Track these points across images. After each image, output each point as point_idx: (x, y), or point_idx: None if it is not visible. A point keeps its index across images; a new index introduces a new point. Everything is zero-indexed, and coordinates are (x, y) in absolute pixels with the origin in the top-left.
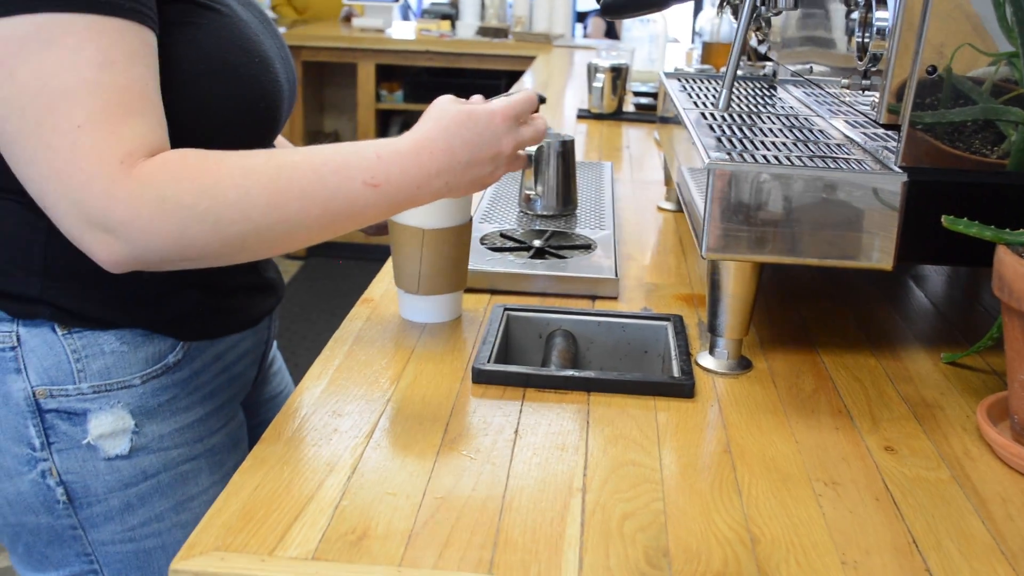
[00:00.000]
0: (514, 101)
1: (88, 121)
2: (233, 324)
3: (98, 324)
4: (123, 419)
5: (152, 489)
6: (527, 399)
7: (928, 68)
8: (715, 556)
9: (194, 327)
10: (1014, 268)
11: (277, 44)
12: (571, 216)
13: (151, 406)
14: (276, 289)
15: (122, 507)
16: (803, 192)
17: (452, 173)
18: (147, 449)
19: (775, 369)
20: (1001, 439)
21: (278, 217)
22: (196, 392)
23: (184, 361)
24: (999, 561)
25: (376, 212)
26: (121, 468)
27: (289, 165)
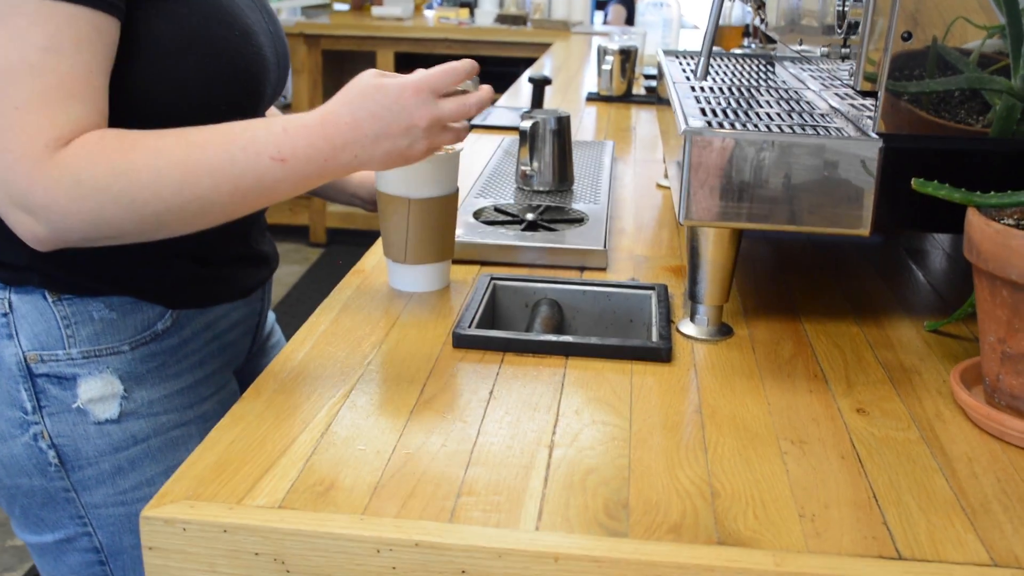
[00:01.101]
0: (431, 73)
1: (26, 103)
2: (223, 294)
3: (88, 291)
4: (112, 384)
5: (143, 453)
6: (506, 363)
7: (903, 34)
8: (674, 509)
9: (183, 296)
10: (981, 229)
11: (265, 18)
12: (567, 192)
13: (140, 372)
14: (269, 261)
15: (113, 471)
16: (779, 158)
17: (360, 146)
18: (137, 414)
19: (756, 336)
20: (971, 401)
21: (190, 195)
22: (186, 359)
23: (173, 329)
24: (957, 516)
25: (287, 187)
26: (111, 432)
27: (200, 143)
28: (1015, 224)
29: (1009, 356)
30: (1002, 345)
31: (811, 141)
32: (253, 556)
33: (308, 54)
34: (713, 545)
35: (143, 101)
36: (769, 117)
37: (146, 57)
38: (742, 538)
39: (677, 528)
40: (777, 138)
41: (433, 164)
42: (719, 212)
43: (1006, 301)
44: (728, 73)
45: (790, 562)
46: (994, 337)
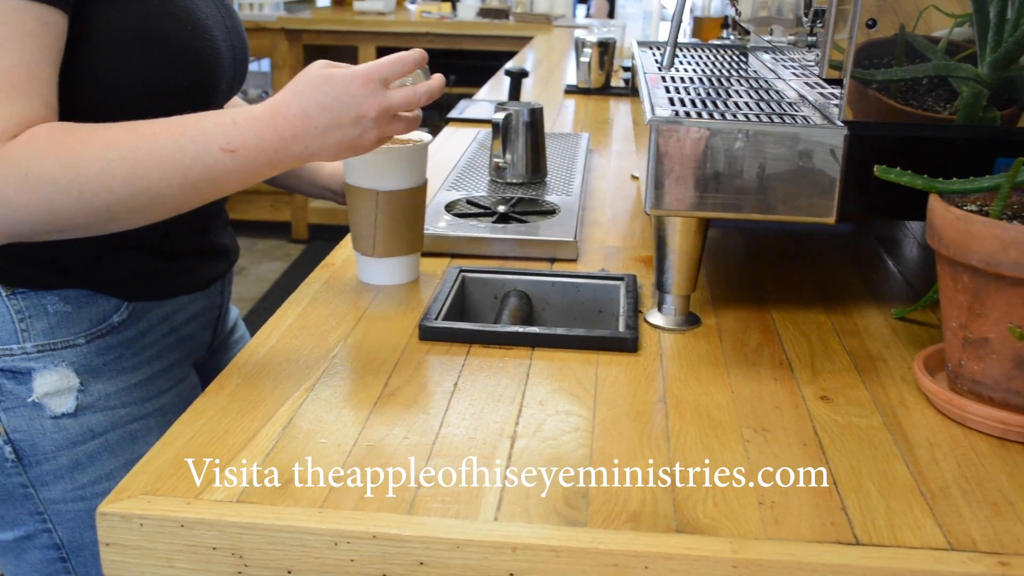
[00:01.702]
0: (379, 63)
1: None
2: (181, 286)
3: (41, 284)
4: (68, 378)
5: (101, 447)
6: (472, 355)
7: (868, 21)
8: (633, 498)
9: (139, 288)
10: (942, 215)
11: (221, 12)
12: (541, 184)
13: (96, 365)
14: (228, 254)
15: (71, 465)
16: (745, 147)
17: (310, 137)
18: (94, 408)
19: (723, 325)
20: (934, 387)
21: (141, 187)
22: (143, 352)
23: (129, 321)
24: (917, 501)
25: (237, 178)
26: (68, 426)
27: (149, 135)
28: (978, 210)
29: (970, 341)
30: (963, 331)
31: (776, 129)
32: (211, 550)
33: (289, 49)
34: (671, 533)
35: (94, 95)
36: (737, 106)
37: (96, 51)
38: (700, 526)
39: (636, 517)
40: (742, 127)
41: (401, 156)
42: (685, 201)
43: (967, 287)
44: (701, 64)
45: (747, 549)
46: (956, 323)
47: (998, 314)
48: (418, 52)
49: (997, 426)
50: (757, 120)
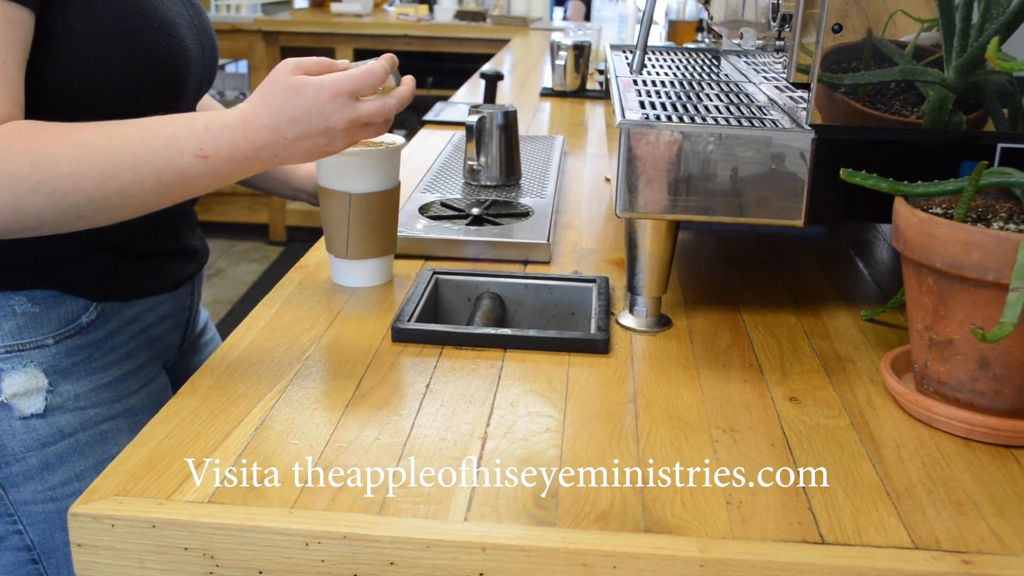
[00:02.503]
0: (349, 76)
1: None
2: (150, 287)
3: (9, 285)
4: (37, 378)
5: (71, 448)
6: (444, 356)
7: (834, 26)
8: (603, 498)
9: (107, 289)
10: (907, 218)
11: (189, 11)
12: (515, 186)
13: (65, 366)
14: (197, 255)
15: (41, 466)
16: (714, 150)
17: (279, 146)
18: (63, 408)
19: (694, 327)
20: (900, 387)
21: (112, 188)
22: (112, 352)
23: (98, 322)
24: (882, 500)
25: (208, 182)
26: (37, 427)
27: (121, 137)
28: (943, 213)
29: (936, 343)
30: (929, 332)
31: (745, 133)
32: (182, 551)
33: (267, 51)
34: (639, 533)
35: (62, 92)
36: (707, 110)
37: (63, 48)
38: (669, 525)
39: (605, 517)
40: (712, 130)
41: (374, 159)
42: (655, 204)
43: (932, 289)
44: (674, 67)
45: (714, 548)
46: (921, 324)
47: (962, 315)
48: (388, 59)
49: (962, 426)
50: (726, 124)
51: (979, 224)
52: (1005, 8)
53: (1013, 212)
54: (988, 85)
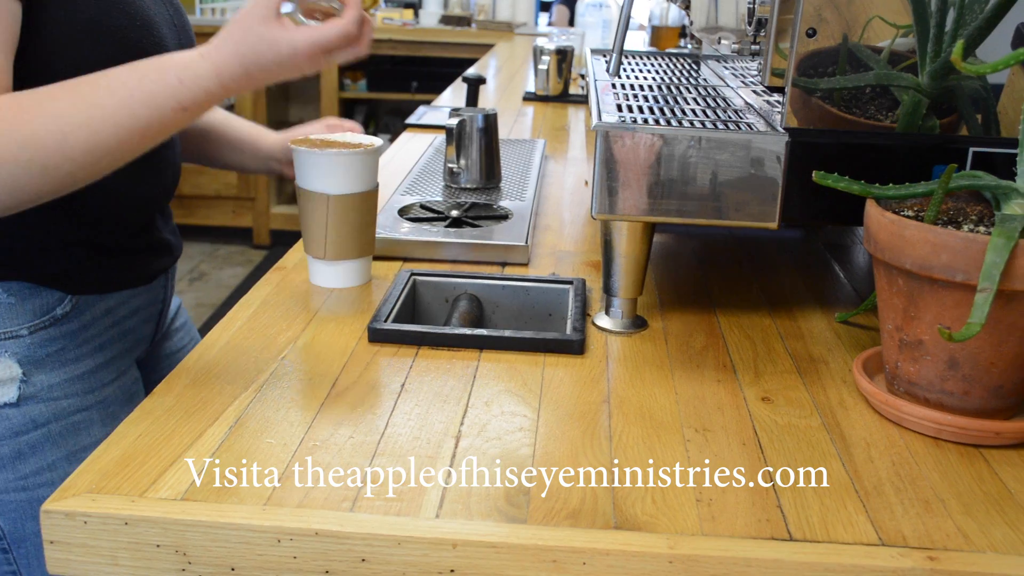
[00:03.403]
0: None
1: None
2: (123, 280)
3: None
4: (11, 368)
5: (43, 438)
6: (420, 357)
7: (808, 31)
8: (574, 496)
9: (82, 281)
10: (877, 220)
11: (170, 11)
12: (495, 189)
13: (39, 356)
14: (171, 249)
15: (13, 455)
16: (688, 153)
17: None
18: (36, 398)
19: (669, 328)
20: (871, 388)
21: (100, 152)
22: (86, 344)
23: (73, 314)
24: (851, 498)
25: (185, 125)
26: (10, 416)
27: (99, 105)
28: (914, 216)
29: (906, 343)
30: (899, 333)
31: (719, 136)
32: (154, 548)
33: None
34: (609, 530)
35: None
36: (684, 113)
37: (46, 43)
38: (638, 522)
39: (576, 514)
40: (686, 133)
41: (352, 161)
42: (630, 206)
43: (902, 290)
44: (654, 72)
45: (683, 545)
46: (892, 325)
47: (931, 316)
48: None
49: (931, 426)
50: (701, 127)
51: (950, 226)
52: (978, 14)
53: (983, 215)
54: (961, 90)
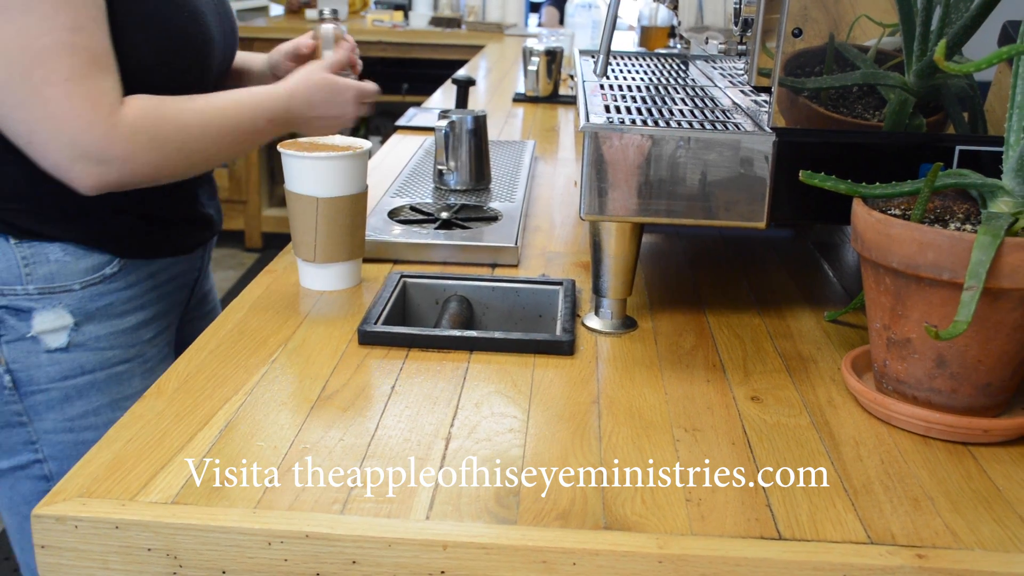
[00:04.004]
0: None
1: (73, 76)
2: (167, 249)
3: (46, 237)
4: (63, 317)
5: (89, 384)
6: (410, 359)
7: (794, 30)
8: (564, 496)
9: (129, 246)
10: (864, 219)
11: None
12: (485, 191)
13: (89, 309)
14: (212, 224)
15: (62, 398)
16: (675, 153)
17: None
18: (84, 347)
19: (659, 328)
20: (860, 386)
21: (220, 148)
22: (130, 302)
23: (120, 274)
24: (840, 497)
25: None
26: (61, 360)
27: (222, 109)
28: (901, 214)
29: (894, 342)
30: (887, 331)
31: (706, 136)
32: (145, 551)
33: None
34: (599, 530)
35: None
36: (671, 114)
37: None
38: (628, 523)
39: (565, 515)
40: (674, 133)
41: (341, 163)
42: (618, 207)
43: (889, 288)
44: (642, 72)
45: (673, 544)
46: (880, 324)
47: (919, 315)
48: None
49: (920, 424)
50: (689, 127)
51: (936, 225)
52: (964, 13)
53: (970, 213)
54: (948, 88)
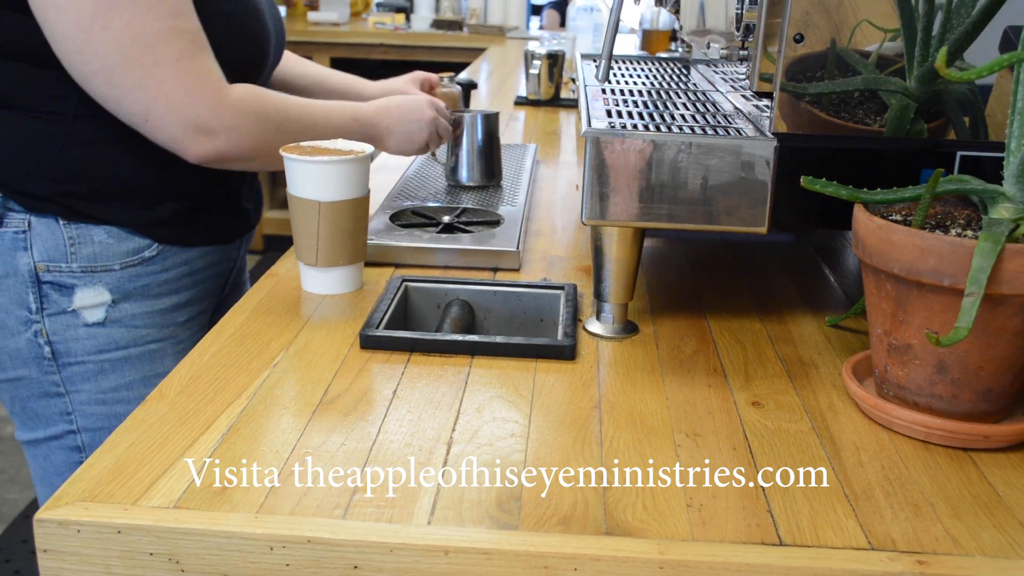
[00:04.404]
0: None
1: (182, 57)
2: (203, 238)
3: (92, 220)
4: (102, 294)
5: (123, 359)
6: (412, 363)
7: (795, 36)
8: (565, 501)
9: (169, 233)
10: (865, 224)
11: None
12: (496, 187)
13: (127, 288)
14: (249, 217)
15: (97, 370)
16: (677, 158)
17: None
18: (120, 323)
19: (660, 333)
20: (861, 392)
21: (313, 137)
22: (165, 285)
23: (158, 258)
24: (840, 502)
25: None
26: (97, 335)
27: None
28: (902, 220)
29: (895, 347)
30: (888, 337)
31: (708, 141)
32: (148, 556)
33: None
34: (600, 536)
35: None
36: (673, 119)
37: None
38: (629, 528)
39: (567, 520)
40: (675, 138)
41: (343, 168)
42: (620, 212)
43: (890, 294)
44: (644, 76)
45: (674, 550)
46: (881, 329)
47: (919, 321)
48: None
49: (920, 429)
50: (691, 132)
51: (938, 231)
52: (965, 19)
53: (971, 219)
54: (949, 94)
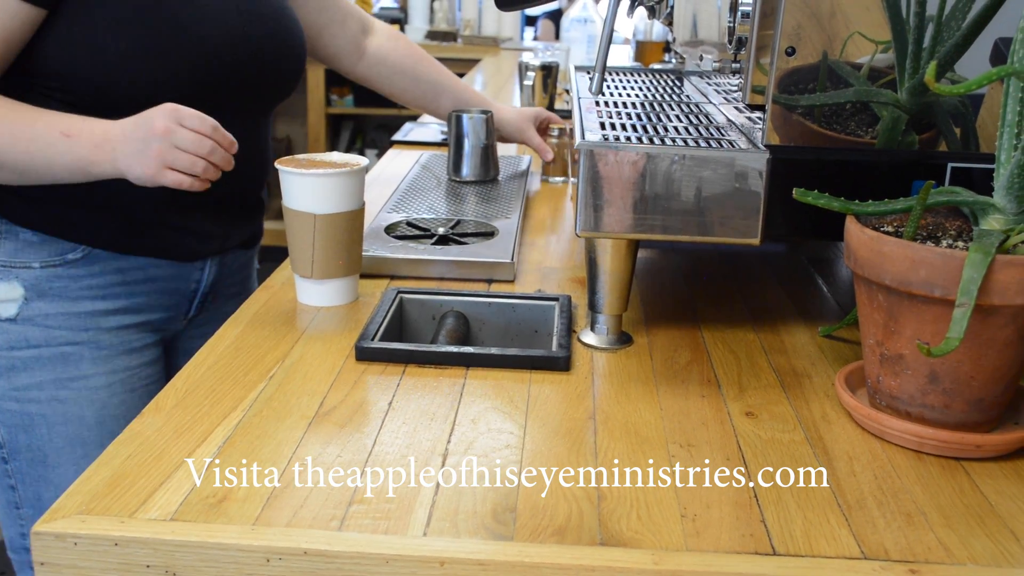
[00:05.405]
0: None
1: None
2: (139, 248)
3: (23, 221)
4: (15, 290)
5: (34, 358)
6: (407, 375)
7: (787, 49)
8: (560, 512)
9: (95, 238)
10: (857, 236)
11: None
12: (494, 182)
13: (44, 288)
14: (210, 240)
15: (8, 367)
16: (670, 170)
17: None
18: (32, 321)
19: (655, 344)
20: (854, 402)
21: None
22: (90, 290)
23: (83, 261)
24: (833, 512)
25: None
26: (8, 331)
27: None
28: (894, 231)
29: (887, 358)
30: (880, 347)
31: (701, 153)
32: (144, 568)
33: None
34: (595, 546)
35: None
36: (666, 131)
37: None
38: (624, 539)
39: (562, 531)
40: (668, 151)
41: (338, 180)
42: (614, 224)
43: (882, 305)
44: (637, 88)
45: (668, 560)
46: (873, 340)
47: (911, 331)
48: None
49: (913, 439)
50: (683, 144)
51: (929, 242)
52: (956, 31)
53: (962, 230)
54: (940, 106)
